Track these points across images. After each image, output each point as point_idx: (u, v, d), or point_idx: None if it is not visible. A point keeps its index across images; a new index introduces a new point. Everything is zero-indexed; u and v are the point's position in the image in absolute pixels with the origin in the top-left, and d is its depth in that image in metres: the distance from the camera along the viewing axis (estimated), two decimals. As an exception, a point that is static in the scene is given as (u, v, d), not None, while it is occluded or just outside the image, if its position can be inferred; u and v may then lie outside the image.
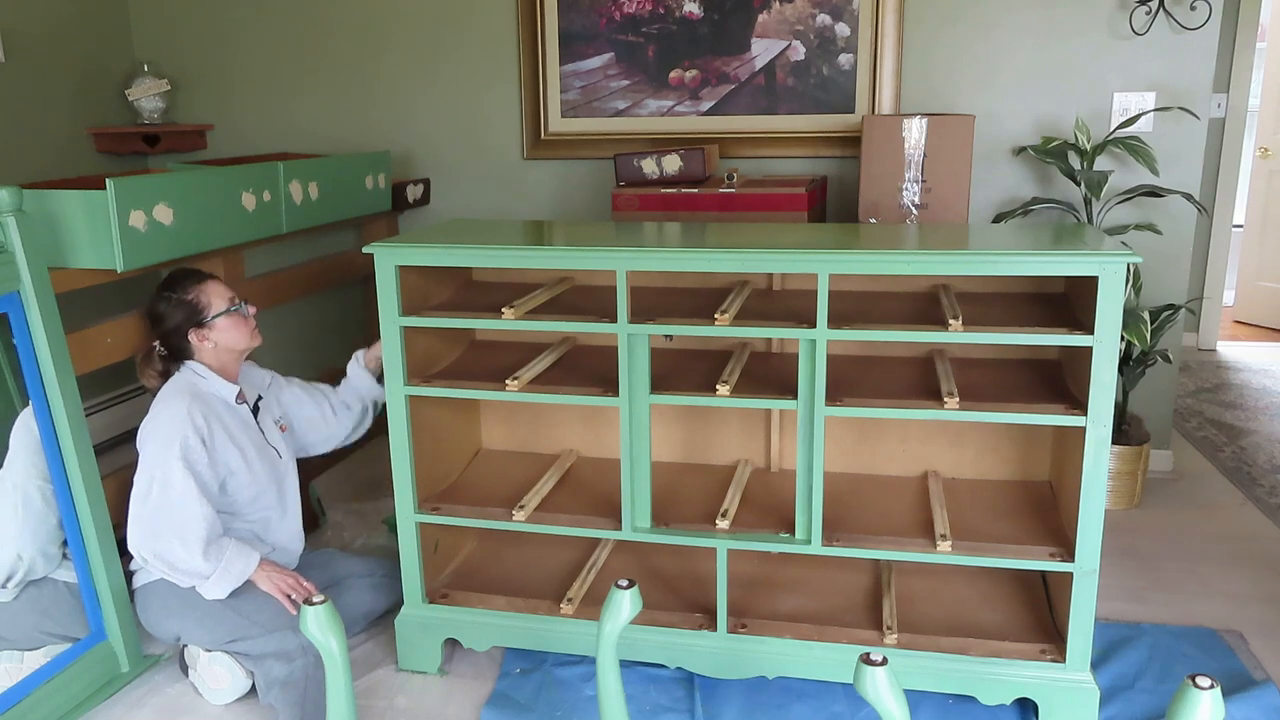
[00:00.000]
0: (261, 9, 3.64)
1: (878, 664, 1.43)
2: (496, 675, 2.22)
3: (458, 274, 2.39)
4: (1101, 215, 3.01)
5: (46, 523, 2.14)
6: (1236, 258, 5.56)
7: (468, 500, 2.27)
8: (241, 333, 2.26)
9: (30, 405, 2.07)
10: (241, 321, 2.26)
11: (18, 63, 3.29)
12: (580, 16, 3.38)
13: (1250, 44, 4.68)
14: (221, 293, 2.26)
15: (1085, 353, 1.84)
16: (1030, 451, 2.33)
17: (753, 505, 2.23)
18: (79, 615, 2.17)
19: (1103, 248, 1.85)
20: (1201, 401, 4.22)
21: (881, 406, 1.98)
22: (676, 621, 2.16)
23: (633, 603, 1.70)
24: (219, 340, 2.23)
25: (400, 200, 3.41)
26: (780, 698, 2.10)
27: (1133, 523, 2.97)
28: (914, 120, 2.80)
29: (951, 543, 1.99)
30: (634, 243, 2.11)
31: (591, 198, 3.51)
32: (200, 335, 2.22)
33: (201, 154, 3.77)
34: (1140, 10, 2.99)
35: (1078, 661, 1.96)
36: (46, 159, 3.40)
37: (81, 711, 2.09)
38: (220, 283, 2.30)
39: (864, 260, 1.94)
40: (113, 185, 2.13)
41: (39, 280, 2.04)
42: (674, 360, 2.28)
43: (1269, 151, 5.29)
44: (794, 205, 2.84)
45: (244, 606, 2.09)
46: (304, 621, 1.64)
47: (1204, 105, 3.04)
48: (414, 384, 2.13)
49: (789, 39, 3.24)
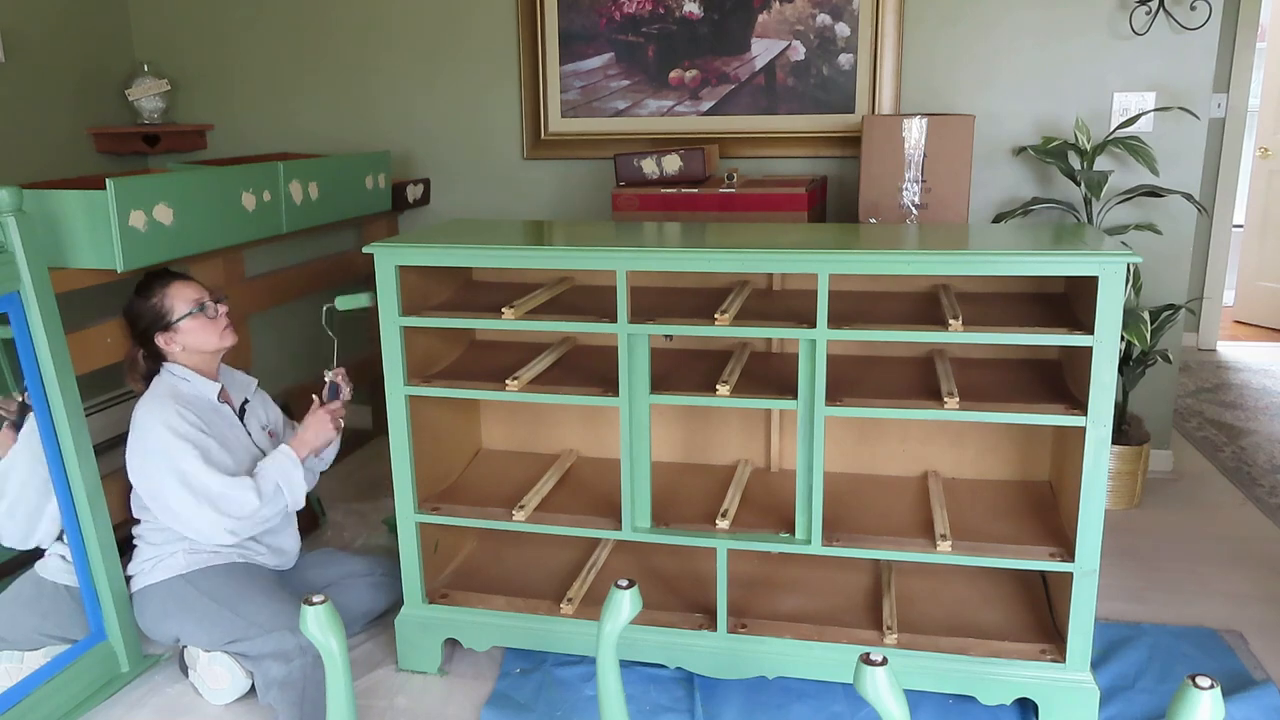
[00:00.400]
0: (261, 9, 3.64)
1: (878, 664, 1.43)
2: (496, 675, 2.22)
3: (458, 274, 2.39)
4: (1101, 215, 3.01)
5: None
6: (1236, 258, 5.56)
7: (468, 500, 2.27)
8: (209, 334, 2.23)
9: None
10: (208, 323, 2.23)
11: (18, 63, 3.29)
12: (580, 16, 3.38)
13: (1250, 44, 4.68)
14: (187, 294, 2.23)
15: (1085, 353, 1.84)
16: (1030, 451, 2.33)
17: (753, 505, 2.23)
18: (79, 616, 2.17)
19: (1103, 248, 1.85)
20: (1201, 401, 4.22)
21: (881, 406, 1.98)
22: (676, 621, 2.16)
23: (633, 603, 1.70)
24: (186, 343, 2.22)
25: (400, 200, 3.42)
26: (780, 698, 2.10)
27: (1133, 523, 2.97)
28: (914, 120, 2.80)
29: (951, 543, 1.99)
30: (634, 243, 2.11)
31: (591, 198, 3.51)
32: (166, 339, 2.21)
33: (201, 154, 3.77)
34: (1140, 10, 2.98)
35: (1078, 661, 1.96)
36: (46, 159, 3.40)
37: (81, 711, 2.09)
38: (189, 283, 2.26)
39: (864, 260, 1.94)
40: (113, 185, 2.13)
41: (39, 280, 2.04)
42: (674, 360, 2.28)
43: (1269, 151, 5.29)
44: (794, 205, 2.84)
45: (242, 607, 2.09)
46: (304, 621, 1.64)
47: (1204, 105, 3.04)
48: (414, 384, 2.13)
49: (789, 39, 3.24)
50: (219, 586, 2.13)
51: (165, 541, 2.19)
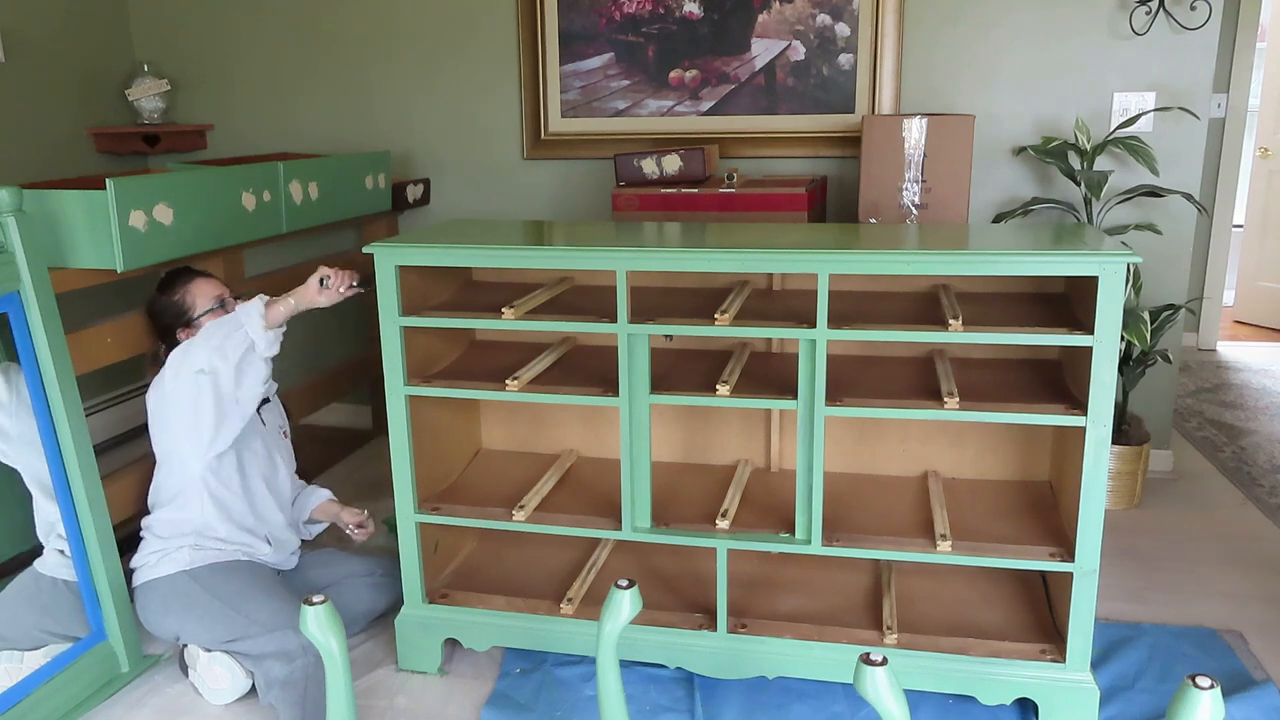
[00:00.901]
0: (261, 9, 3.64)
1: (878, 664, 1.43)
2: (496, 675, 2.22)
3: (458, 274, 2.39)
4: (1101, 215, 3.01)
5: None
6: (1236, 258, 5.56)
7: (468, 500, 2.27)
8: None
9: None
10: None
11: (18, 63, 3.29)
12: (580, 16, 3.38)
13: (1250, 44, 4.68)
14: (208, 291, 2.28)
15: (1085, 353, 1.84)
16: (1030, 451, 2.33)
17: (753, 505, 2.23)
18: (79, 615, 2.17)
19: (1103, 248, 1.85)
20: (1201, 401, 4.22)
21: (881, 406, 1.98)
22: (676, 621, 2.16)
23: (633, 603, 1.70)
24: None
25: (400, 200, 3.41)
26: (780, 698, 2.10)
27: (1133, 523, 2.97)
28: (914, 120, 2.80)
29: (951, 543, 1.99)
30: (634, 243, 2.11)
31: (591, 198, 3.51)
32: (188, 334, 2.23)
33: (201, 154, 3.77)
34: (1140, 10, 2.98)
35: (1078, 661, 1.96)
36: (46, 159, 3.40)
37: (81, 711, 2.09)
38: (210, 280, 2.31)
39: (864, 260, 1.94)
40: (113, 185, 2.13)
41: (39, 280, 2.04)
42: (674, 360, 2.28)
43: (1269, 151, 5.30)
44: (794, 205, 2.84)
45: (245, 605, 2.09)
46: (304, 621, 1.64)
47: (1204, 105, 3.04)
48: (414, 384, 2.13)
49: (789, 39, 3.24)
50: (222, 584, 2.14)
51: (173, 535, 2.20)
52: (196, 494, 2.20)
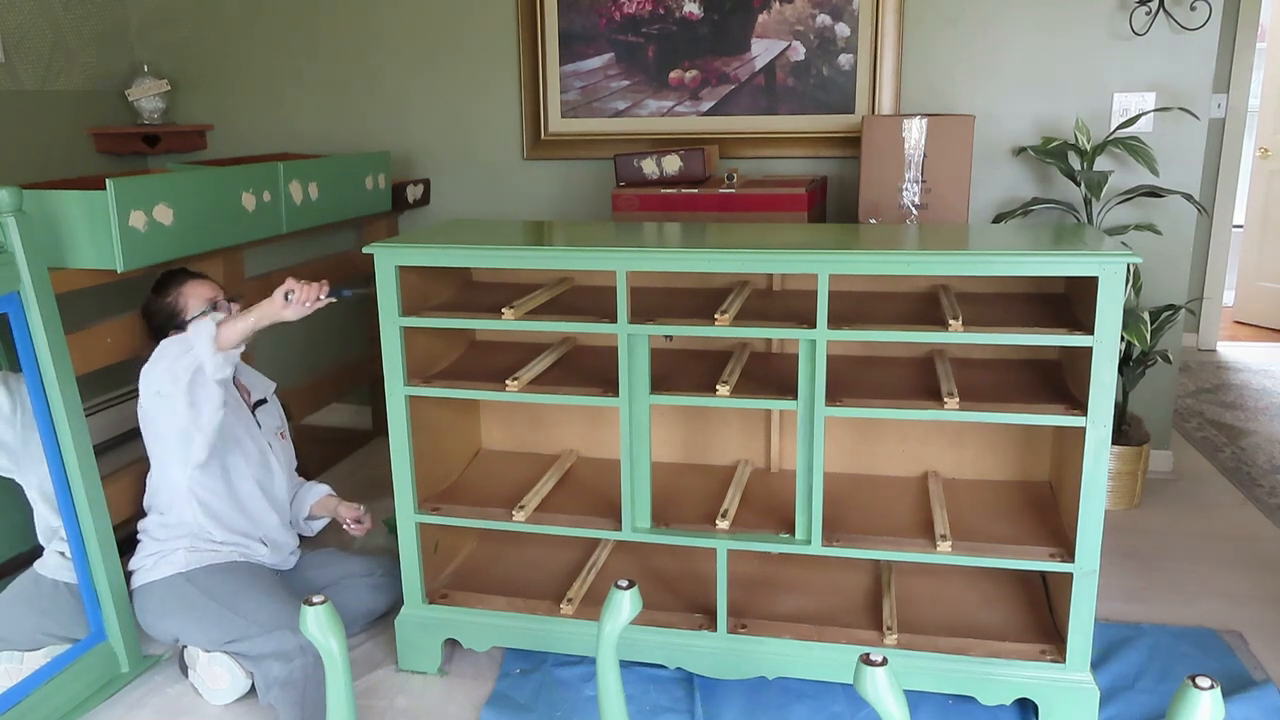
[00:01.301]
0: (261, 9, 3.63)
1: (878, 664, 1.43)
2: (496, 675, 2.22)
3: (458, 274, 2.39)
4: (1101, 215, 3.01)
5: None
6: (1236, 258, 5.56)
7: (468, 500, 2.27)
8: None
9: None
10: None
11: (18, 63, 3.29)
12: (580, 17, 3.38)
13: (1250, 44, 4.68)
14: (201, 293, 2.27)
15: (1085, 353, 1.84)
16: (1030, 451, 2.33)
17: (753, 505, 2.23)
18: (79, 617, 2.17)
19: (1103, 248, 1.85)
20: (1201, 402, 4.22)
21: (881, 407, 1.98)
22: (676, 622, 2.16)
23: (633, 603, 1.70)
24: None
25: (400, 200, 3.41)
26: (780, 698, 2.10)
27: (1133, 523, 2.97)
28: (914, 120, 2.80)
29: (951, 543, 1.99)
30: (634, 243, 2.11)
31: (591, 198, 3.51)
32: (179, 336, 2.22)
33: (201, 154, 3.76)
34: (1140, 10, 2.98)
35: (1078, 662, 1.96)
36: (46, 159, 3.40)
37: (81, 712, 2.09)
38: (204, 282, 2.30)
39: (864, 260, 1.94)
40: (113, 185, 2.13)
41: (39, 280, 2.04)
42: (674, 360, 2.28)
43: (1269, 151, 5.29)
44: (794, 205, 2.84)
45: (243, 606, 2.09)
46: (304, 622, 1.64)
47: (1204, 105, 3.04)
48: (414, 384, 2.13)
49: (789, 39, 3.24)
50: (219, 585, 2.14)
51: (169, 538, 2.20)
52: (186, 500, 2.20)
